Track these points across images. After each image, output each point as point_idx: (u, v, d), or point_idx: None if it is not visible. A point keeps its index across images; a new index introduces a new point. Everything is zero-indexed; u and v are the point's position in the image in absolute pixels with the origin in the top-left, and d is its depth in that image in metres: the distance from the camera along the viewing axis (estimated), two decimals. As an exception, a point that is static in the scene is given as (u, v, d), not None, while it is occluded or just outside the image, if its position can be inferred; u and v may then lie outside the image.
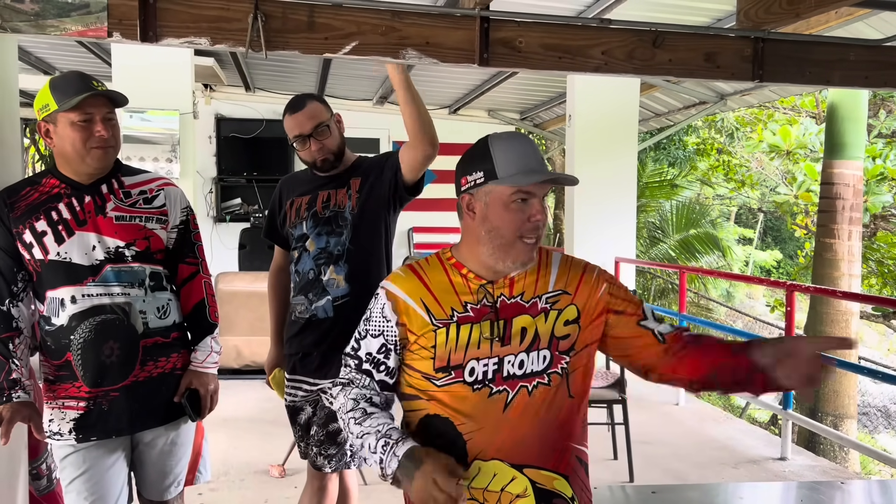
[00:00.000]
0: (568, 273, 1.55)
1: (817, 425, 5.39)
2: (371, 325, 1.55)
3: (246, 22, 2.16)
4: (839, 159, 8.17)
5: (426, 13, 2.31)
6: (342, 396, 1.54)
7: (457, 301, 1.50)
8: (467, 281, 1.51)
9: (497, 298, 1.49)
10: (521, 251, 1.47)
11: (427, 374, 1.48)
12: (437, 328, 1.48)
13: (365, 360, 1.55)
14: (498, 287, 1.50)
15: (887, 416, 13.00)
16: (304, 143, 2.36)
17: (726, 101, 6.90)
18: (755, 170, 14.12)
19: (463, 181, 1.51)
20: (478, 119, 9.14)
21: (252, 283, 6.00)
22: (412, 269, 1.57)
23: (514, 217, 1.45)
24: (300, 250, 2.43)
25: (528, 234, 1.46)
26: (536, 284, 1.52)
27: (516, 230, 1.45)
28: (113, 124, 2.00)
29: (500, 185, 1.45)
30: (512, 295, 1.50)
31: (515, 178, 1.44)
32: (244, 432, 4.71)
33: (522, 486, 1.46)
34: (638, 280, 9.80)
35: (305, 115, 2.35)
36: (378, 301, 1.55)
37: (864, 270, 9.64)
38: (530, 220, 1.45)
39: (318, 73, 7.34)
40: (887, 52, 2.73)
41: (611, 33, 2.46)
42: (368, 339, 1.55)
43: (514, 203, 1.45)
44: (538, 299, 1.51)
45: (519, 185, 1.44)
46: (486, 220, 1.47)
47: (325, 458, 2.39)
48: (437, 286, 1.52)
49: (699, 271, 11.02)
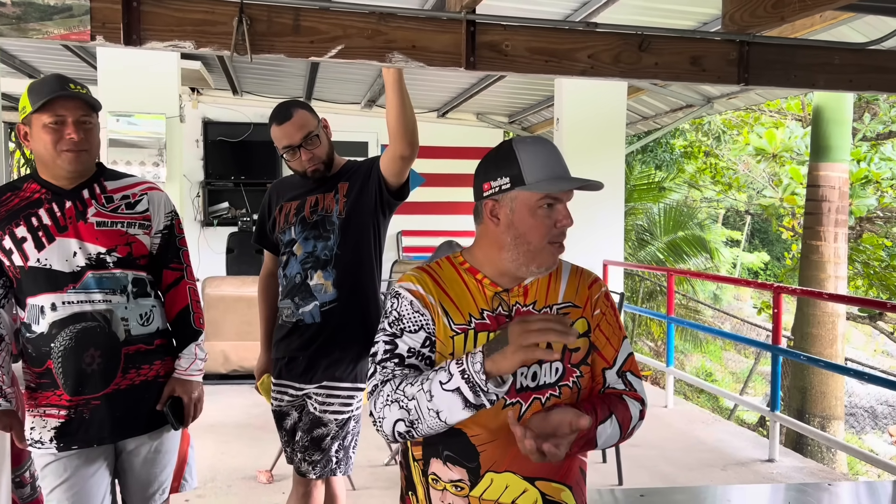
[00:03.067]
0: (577, 286, 1.53)
1: (805, 427, 5.42)
2: (405, 323, 1.45)
3: (231, 25, 2.15)
4: (825, 162, 8.23)
5: (412, 17, 2.30)
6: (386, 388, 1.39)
7: (474, 307, 1.47)
8: (483, 287, 1.49)
9: (513, 307, 1.48)
10: (547, 257, 1.45)
11: None
12: (456, 334, 1.45)
13: (408, 355, 1.43)
14: (513, 295, 1.49)
15: (874, 416, 13.08)
16: (294, 154, 2.34)
17: (713, 104, 6.93)
18: (742, 172, 14.20)
19: (486, 186, 1.47)
20: (466, 122, 9.14)
21: (239, 287, 5.97)
22: (426, 271, 1.52)
23: (542, 223, 1.43)
24: (288, 255, 2.42)
25: (556, 240, 1.45)
26: (547, 294, 1.51)
27: (544, 236, 1.44)
28: (87, 128, 1.96)
29: (527, 192, 1.42)
30: (526, 303, 1.49)
31: (543, 184, 1.42)
32: (232, 438, 4.68)
33: (533, 498, 1.45)
34: (626, 282, 9.83)
35: (294, 126, 2.32)
36: (402, 300, 1.47)
37: (850, 272, 9.72)
38: (557, 225, 1.44)
39: (306, 77, 7.32)
40: (871, 55, 2.75)
41: (597, 37, 2.47)
42: (406, 336, 1.44)
43: (541, 209, 1.43)
44: (549, 309, 1.49)
45: (549, 192, 1.42)
46: (513, 226, 1.44)
47: (310, 465, 2.38)
48: (453, 290, 1.49)
49: (687, 273, 11.07)
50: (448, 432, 1.41)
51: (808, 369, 8.03)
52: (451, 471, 1.45)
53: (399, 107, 2.22)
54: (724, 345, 14.15)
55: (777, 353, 4.81)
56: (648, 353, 11.60)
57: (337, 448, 2.39)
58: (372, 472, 4.07)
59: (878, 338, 14.64)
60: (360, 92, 8.00)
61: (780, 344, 4.88)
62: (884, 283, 10.30)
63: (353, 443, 2.44)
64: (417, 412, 1.34)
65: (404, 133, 2.23)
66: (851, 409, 12.60)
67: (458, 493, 1.45)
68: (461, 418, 1.33)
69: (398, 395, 1.38)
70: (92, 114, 1.98)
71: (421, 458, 1.50)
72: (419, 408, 1.34)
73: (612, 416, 1.46)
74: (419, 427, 1.36)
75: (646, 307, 11.40)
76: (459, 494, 1.45)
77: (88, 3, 2.09)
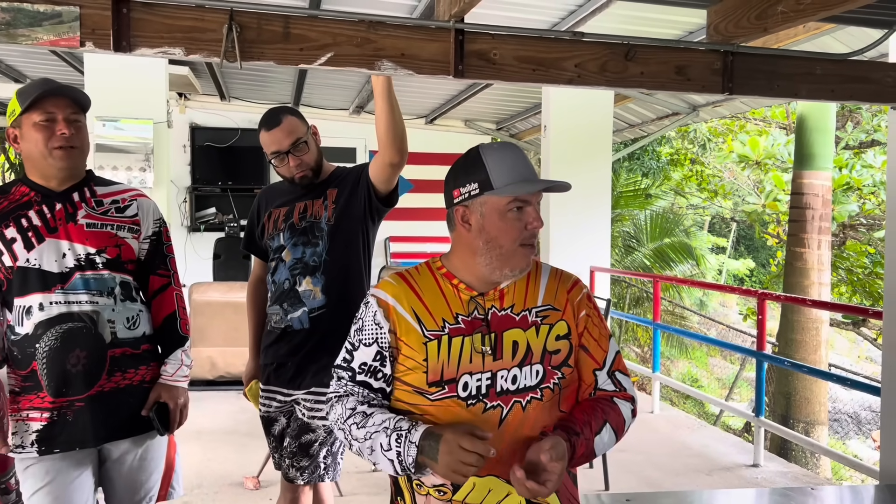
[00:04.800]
0: (557, 288, 1.55)
1: (789, 432, 5.46)
2: (364, 335, 1.51)
3: (221, 32, 2.15)
4: (808, 170, 8.33)
5: (402, 25, 2.32)
6: (339, 407, 1.50)
7: (448, 312, 1.49)
8: (458, 292, 1.51)
9: (488, 311, 1.49)
10: (519, 259, 1.47)
11: (419, 389, 1.47)
12: (429, 340, 1.47)
13: (359, 370, 1.52)
14: (489, 299, 1.50)
15: (858, 422, 13.20)
16: (283, 160, 2.36)
17: (699, 113, 7.00)
18: (727, 180, 14.32)
19: (455, 193, 1.50)
20: (454, 129, 9.18)
21: (226, 293, 5.95)
22: (402, 277, 1.55)
23: (512, 226, 1.46)
24: (277, 261, 2.43)
25: (526, 242, 1.47)
26: (526, 297, 1.52)
27: (515, 239, 1.46)
28: (78, 126, 2.00)
29: (495, 196, 1.45)
30: (503, 307, 1.50)
31: (511, 187, 1.45)
32: (218, 444, 4.66)
33: (516, 502, 1.45)
34: (613, 289, 9.87)
35: (283, 132, 2.33)
36: (369, 309, 1.52)
37: (833, 279, 9.81)
38: (527, 227, 1.46)
39: (294, 83, 7.33)
40: (853, 65, 2.79)
41: (583, 46, 2.49)
42: (362, 348, 1.51)
43: (511, 212, 1.45)
44: (528, 312, 1.51)
45: (516, 195, 1.44)
46: (484, 230, 1.47)
47: (298, 471, 2.38)
48: (428, 296, 1.51)
49: (673, 280, 11.14)
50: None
51: (792, 375, 8.10)
52: (434, 475, 1.45)
53: (388, 114, 2.23)
54: (709, 351, 14.23)
55: (762, 359, 4.86)
56: (635, 359, 11.66)
57: (325, 454, 2.39)
58: (360, 478, 4.07)
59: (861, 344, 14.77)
60: (349, 98, 8.01)
61: (764, 350, 4.92)
62: (867, 290, 10.41)
63: (341, 449, 2.44)
64: (360, 451, 1.48)
65: (393, 140, 2.25)
66: (835, 414, 12.71)
67: (441, 498, 1.46)
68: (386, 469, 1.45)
69: (347, 427, 1.49)
70: (81, 112, 2.01)
71: None
72: (361, 449, 1.47)
73: (606, 423, 1.49)
74: (354, 448, 1.50)
75: (632, 313, 11.46)
76: (442, 499, 1.46)
77: (78, 9, 2.09)
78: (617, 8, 4.25)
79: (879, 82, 2.81)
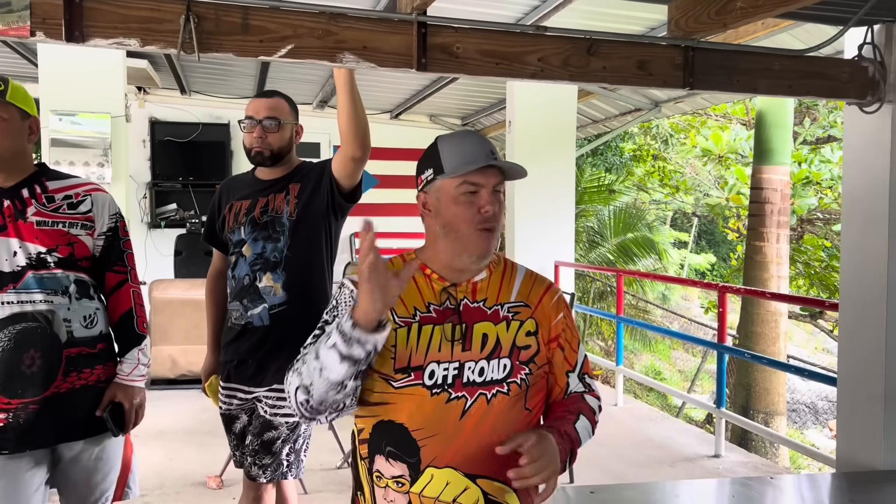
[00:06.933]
0: (531, 287, 1.57)
1: (749, 423, 5.56)
2: (339, 311, 1.50)
3: (177, 23, 2.11)
4: (767, 165, 8.48)
5: (364, 17, 2.29)
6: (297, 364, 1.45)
7: (420, 301, 1.49)
8: (431, 282, 1.51)
9: (460, 301, 1.50)
10: (477, 244, 1.47)
11: (385, 375, 1.46)
12: (399, 326, 1.46)
13: None
14: (461, 291, 1.51)
15: (815, 412, 13.50)
16: (252, 128, 2.38)
17: (660, 108, 7.08)
18: (689, 175, 14.52)
19: (418, 181, 1.54)
20: (419, 124, 9.16)
21: (188, 290, 5.86)
22: None
23: (465, 210, 1.46)
24: (237, 255, 2.39)
25: (481, 225, 1.47)
26: (499, 293, 1.53)
27: (470, 222, 1.46)
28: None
29: (446, 179, 1.47)
30: (475, 300, 1.51)
31: (459, 168, 1.46)
32: (180, 444, 4.59)
33: (475, 496, 1.44)
34: (577, 283, 9.95)
35: (266, 104, 2.40)
36: (344, 291, 1.52)
37: (792, 272, 10.02)
38: (481, 211, 1.46)
39: (256, 77, 7.23)
40: (810, 61, 2.84)
41: (546, 40, 2.49)
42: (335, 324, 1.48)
43: (464, 196, 1.46)
44: (500, 307, 1.52)
45: (463, 175, 1.45)
46: (440, 215, 1.49)
47: (260, 468, 2.35)
48: None
49: (636, 274, 11.27)
50: (390, 426, 1.44)
51: (752, 367, 8.26)
52: (393, 466, 1.45)
53: (350, 108, 2.21)
54: (672, 344, 14.44)
55: (722, 351, 4.94)
56: (599, 353, 11.77)
57: (288, 451, 2.36)
58: (324, 476, 4.04)
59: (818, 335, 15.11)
60: (312, 92, 7.94)
61: (725, 342, 5.00)
62: (824, 283, 10.65)
63: (304, 446, 2.42)
64: (308, 374, 1.40)
65: (356, 134, 2.23)
66: (794, 405, 12.99)
67: (399, 490, 1.45)
68: (340, 373, 1.36)
69: (298, 363, 1.44)
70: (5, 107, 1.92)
71: (367, 457, 1.50)
72: (309, 369, 1.40)
73: (580, 414, 1.54)
74: (312, 391, 1.40)
75: (596, 307, 11.57)
76: (400, 491, 1.45)
77: (28, -3, 2.03)
78: (580, 3, 4.28)
79: (835, 78, 2.87)
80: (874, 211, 2.99)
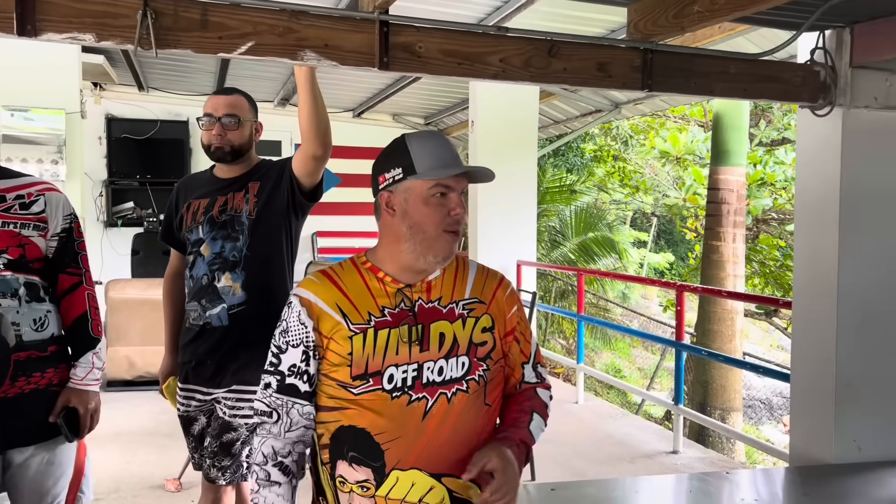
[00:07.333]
0: (484, 283, 1.57)
1: (706, 419, 5.67)
2: (290, 336, 1.49)
3: (134, 18, 2.07)
4: (724, 166, 8.65)
5: (325, 15, 2.28)
6: (257, 441, 1.51)
7: (374, 305, 1.48)
8: (384, 285, 1.50)
9: (415, 302, 1.49)
10: (443, 245, 1.48)
11: (343, 383, 1.45)
12: (355, 334, 1.45)
13: (288, 373, 1.49)
14: (416, 291, 1.50)
15: (770, 408, 13.82)
16: (210, 125, 2.35)
17: (620, 110, 7.17)
18: (648, 176, 14.73)
19: (381, 179, 1.51)
20: (382, 123, 9.13)
21: (145, 290, 5.76)
22: (326, 274, 1.53)
23: (435, 211, 1.46)
24: (195, 255, 2.36)
25: (450, 228, 1.47)
26: (454, 290, 1.53)
27: (438, 224, 1.46)
28: None
29: (419, 180, 1.46)
30: (430, 299, 1.50)
31: (434, 171, 1.45)
32: (137, 446, 4.51)
33: (440, 495, 1.45)
34: (539, 282, 10.03)
35: (225, 101, 2.38)
36: (293, 309, 1.50)
37: (747, 271, 10.23)
38: (450, 213, 1.47)
39: (216, 73, 7.14)
40: (764, 65, 2.91)
41: (508, 41, 2.51)
42: (290, 350, 1.49)
43: (434, 198, 1.46)
44: (455, 305, 1.51)
45: (438, 179, 1.45)
46: (407, 215, 1.47)
47: (219, 471, 2.32)
48: (353, 291, 1.49)
49: (597, 273, 11.40)
50: (352, 431, 1.44)
51: (709, 364, 8.42)
52: (357, 471, 1.44)
53: (311, 105, 2.20)
54: (632, 342, 14.64)
55: (680, 349, 5.02)
56: (560, 351, 11.88)
57: (248, 453, 2.34)
58: (285, 477, 4.00)
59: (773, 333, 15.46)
60: (273, 90, 7.86)
61: (683, 340, 5.09)
62: (778, 282, 10.91)
63: (264, 447, 2.39)
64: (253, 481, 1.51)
65: (316, 132, 2.22)
66: (749, 401, 13.28)
67: (365, 494, 1.45)
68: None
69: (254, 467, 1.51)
70: None
71: (328, 462, 1.49)
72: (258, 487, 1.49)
73: (533, 412, 1.56)
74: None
75: (558, 306, 11.68)
76: (365, 495, 1.44)
77: (-23, -11, 1.97)
78: (541, 5, 4.31)
79: (788, 82, 2.94)
80: (826, 211, 3.08)
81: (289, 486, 1.49)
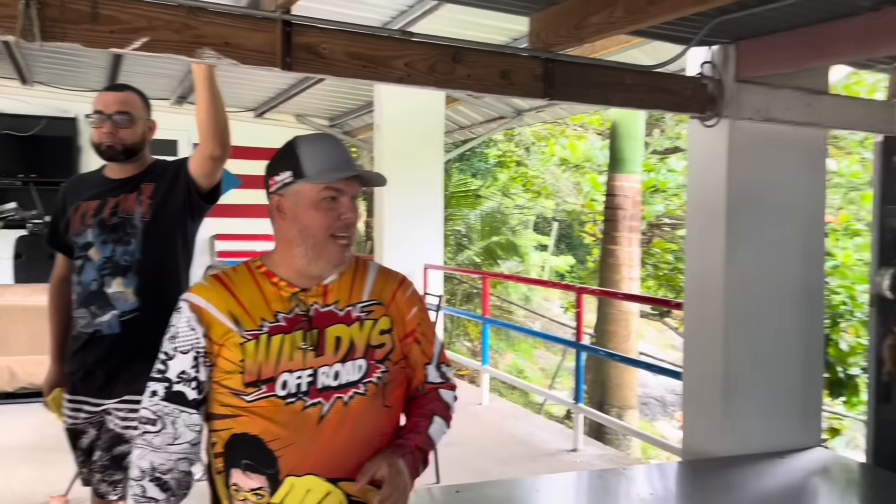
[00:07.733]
0: (384, 284, 1.56)
1: (604, 417, 5.86)
2: (178, 342, 1.45)
3: (17, 8, 1.94)
4: (620, 173, 8.99)
5: (225, 13, 2.21)
6: (136, 453, 1.46)
7: (267, 311, 1.45)
8: (279, 290, 1.47)
9: (310, 307, 1.46)
10: (334, 252, 1.45)
11: (236, 390, 1.41)
12: (247, 340, 1.42)
13: (176, 380, 1.45)
14: (311, 295, 1.47)
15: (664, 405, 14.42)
16: (101, 123, 2.25)
17: (523, 117, 7.32)
18: (549, 182, 15.11)
19: (271, 182, 1.48)
20: (285, 123, 8.95)
21: (29, 296, 5.44)
22: (218, 279, 1.49)
23: (324, 216, 1.44)
24: (83, 259, 2.24)
25: (340, 233, 1.45)
26: (351, 293, 1.51)
27: (327, 229, 1.44)
28: None
29: (308, 184, 1.43)
30: (326, 303, 1.48)
31: (323, 175, 1.43)
32: (19, 462, 4.24)
33: (337, 500, 1.43)
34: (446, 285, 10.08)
35: (116, 98, 2.29)
36: (182, 315, 1.46)
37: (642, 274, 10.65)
38: (341, 218, 1.45)
39: (108, 69, 6.80)
40: (657, 77, 3.04)
41: (413, 46, 2.51)
42: (178, 356, 1.44)
43: (324, 202, 1.43)
44: (352, 308, 1.49)
45: (327, 182, 1.43)
46: (297, 219, 1.44)
47: (110, 485, 2.22)
48: (245, 296, 1.46)
49: (501, 276, 11.58)
50: (244, 438, 1.41)
51: (607, 364, 8.71)
52: (251, 479, 1.41)
53: (209, 104, 2.14)
54: (534, 343, 14.94)
55: (580, 349, 5.17)
56: (466, 353, 11.99)
57: (136, 466, 2.24)
58: (182, 489, 3.85)
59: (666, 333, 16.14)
60: (170, 87, 7.57)
61: (582, 341, 5.25)
62: (671, 284, 11.40)
63: (159, 459, 2.30)
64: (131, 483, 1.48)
65: (214, 132, 2.16)
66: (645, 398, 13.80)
67: (259, 502, 1.42)
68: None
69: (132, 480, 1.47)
70: None
71: (223, 470, 1.46)
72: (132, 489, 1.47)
73: (433, 416, 1.55)
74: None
75: (463, 309, 11.80)
76: (260, 502, 1.42)
77: None
78: (446, 11, 4.34)
79: (679, 94, 3.09)
80: (713, 216, 3.24)
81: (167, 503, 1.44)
